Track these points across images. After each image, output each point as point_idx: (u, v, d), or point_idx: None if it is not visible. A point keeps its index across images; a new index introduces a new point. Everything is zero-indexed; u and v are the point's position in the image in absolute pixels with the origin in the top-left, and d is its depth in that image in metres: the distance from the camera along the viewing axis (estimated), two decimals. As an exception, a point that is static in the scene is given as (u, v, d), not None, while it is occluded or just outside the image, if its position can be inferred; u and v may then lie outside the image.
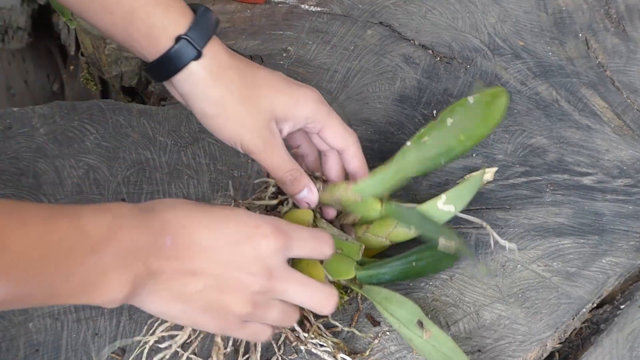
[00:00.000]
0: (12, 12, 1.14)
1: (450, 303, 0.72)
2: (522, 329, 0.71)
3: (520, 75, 0.92)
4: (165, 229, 0.52)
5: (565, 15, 1.00)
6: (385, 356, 0.68)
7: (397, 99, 0.88)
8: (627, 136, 0.88)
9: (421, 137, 0.70)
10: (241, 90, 0.62)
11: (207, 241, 0.53)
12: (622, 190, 0.83)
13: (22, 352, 0.64)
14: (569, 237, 0.78)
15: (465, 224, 0.77)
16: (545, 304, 0.73)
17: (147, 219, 0.51)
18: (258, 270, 0.54)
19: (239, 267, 0.54)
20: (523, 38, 0.96)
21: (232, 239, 0.54)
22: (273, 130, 0.64)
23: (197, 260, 0.53)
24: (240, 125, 0.62)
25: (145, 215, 0.51)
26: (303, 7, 0.96)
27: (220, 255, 0.53)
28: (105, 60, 0.93)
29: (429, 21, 0.96)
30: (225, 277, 0.53)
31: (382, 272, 0.70)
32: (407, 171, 0.70)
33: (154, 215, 0.52)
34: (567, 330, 0.73)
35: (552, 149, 0.86)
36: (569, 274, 0.75)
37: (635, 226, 0.80)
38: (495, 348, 0.69)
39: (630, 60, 0.96)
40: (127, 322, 0.67)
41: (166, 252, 0.51)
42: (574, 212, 0.80)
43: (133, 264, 0.49)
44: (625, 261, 0.77)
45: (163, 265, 0.51)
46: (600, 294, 0.75)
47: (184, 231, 0.52)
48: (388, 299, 0.67)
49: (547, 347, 0.72)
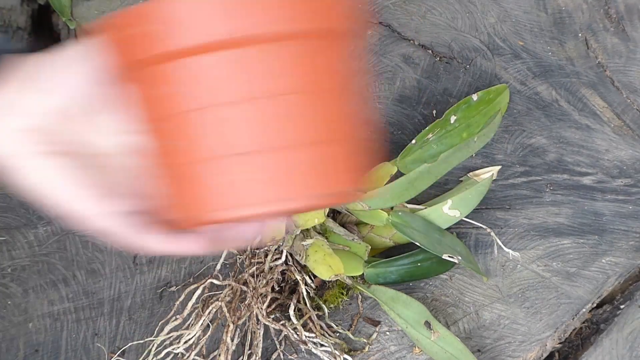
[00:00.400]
0: (12, 12, 1.14)
1: (450, 303, 0.72)
2: (522, 329, 0.71)
3: (520, 75, 0.92)
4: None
5: (565, 15, 1.00)
6: (385, 356, 0.68)
7: (397, 99, 0.88)
8: (627, 136, 0.88)
9: (425, 135, 0.71)
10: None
11: None
12: (622, 190, 0.83)
13: (22, 352, 0.64)
14: (568, 237, 0.78)
15: (465, 224, 0.77)
16: (545, 304, 0.73)
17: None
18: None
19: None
20: (523, 38, 0.96)
21: None
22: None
23: None
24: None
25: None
26: (303, 7, 0.95)
27: None
28: (105, 60, 0.93)
29: (428, 21, 0.96)
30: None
31: (389, 271, 0.70)
32: (417, 189, 0.70)
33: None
34: (567, 330, 0.73)
35: (552, 149, 0.86)
36: (568, 274, 0.75)
37: (635, 226, 0.80)
38: (495, 348, 0.69)
39: (630, 60, 0.96)
40: (127, 323, 0.67)
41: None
42: (573, 212, 0.80)
43: None
44: (625, 261, 0.77)
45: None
46: (600, 294, 0.75)
47: None
48: (394, 299, 0.67)
49: (547, 347, 0.71)
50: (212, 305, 0.66)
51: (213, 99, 0.40)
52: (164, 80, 0.40)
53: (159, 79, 0.41)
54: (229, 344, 0.63)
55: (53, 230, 0.71)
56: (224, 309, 0.66)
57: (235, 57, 0.39)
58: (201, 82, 0.39)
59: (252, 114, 0.39)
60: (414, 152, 0.76)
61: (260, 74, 0.39)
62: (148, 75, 0.41)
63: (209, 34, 0.38)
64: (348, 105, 0.42)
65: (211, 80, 0.39)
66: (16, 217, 0.72)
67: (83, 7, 0.92)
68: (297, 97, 0.40)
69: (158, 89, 0.41)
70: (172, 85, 0.40)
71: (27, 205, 0.72)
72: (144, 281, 0.70)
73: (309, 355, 0.67)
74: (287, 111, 0.39)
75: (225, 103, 0.39)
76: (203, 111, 0.40)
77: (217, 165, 0.40)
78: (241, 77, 0.39)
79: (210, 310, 0.66)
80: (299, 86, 0.40)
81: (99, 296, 0.68)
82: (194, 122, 0.40)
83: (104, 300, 0.68)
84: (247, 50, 0.39)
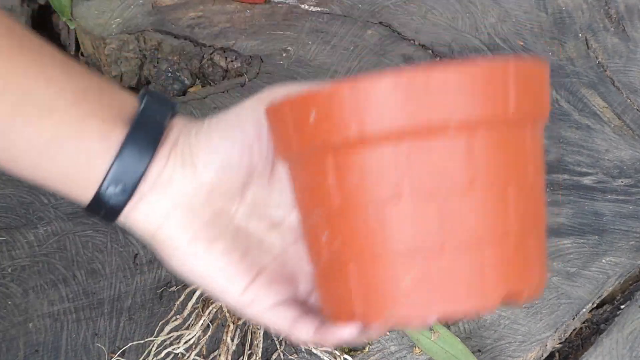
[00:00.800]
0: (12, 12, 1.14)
1: (450, 303, 0.72)
2: (522, 329, 0.71)
3: (520, 75, 0.92)
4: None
5: (565, 15, 1.00)
6: (385, 356, 0.68)
7: (397, 99, 0.88)
8: (627, 136, 0.88)
9: None
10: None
11: None
12: (622, 190, 0.83)
13: (22, 352, 0.64)
14: (569, 237, 0.78)
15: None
16: (545, 304, 0.73)
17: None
18: None
19: None
20: (523, 38, 0.96)
21: None
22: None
23: None
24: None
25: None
26: (303, 7, 0.96)
27: None
28: (105, 60, 0.93)
29: (428, 21, 0.96)
30: None
31: None
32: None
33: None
34: (567, 330, 0.73)
35: (552, 149, 0.86)
36: (569, 274, 0.75)
37: (635, 226, 0.80)
38: (495, 348, 0.69)
39: (630, 60, 0.96)
40: (127, 323, 0.67)
41: None
42: (573, 212, 0.80)
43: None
44: (625, 261, 0.77)
45: None
46: (600, 294, 0.75)
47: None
48: None
49: (547, 347, 0.72)
50: (212, 305, 0.66)
51: (392, 192, 0.37)
52: (336, 167, 0.38)
53: (330, 165, 0.38)
54: (229, 344, 0.63)
55: (53, 230, 0.71)
56: (224, 309, 0.66)
57: (426, 147, 0.36)
58: (381, 173, 0.37)
59: (448, 208, 0.36)
60: None
61: (447, 165, 0.36)
62: (319, 160, 0.39)
63: (392, 122, 0.36)
64: (536, 194, 0.40)
65: (391, 172, 0.37)
66: (16, 217, 0.72)
67: (83, 7, 0.92)
68: (489, 189, 0.37)
69: (327, 175, 0.38)
70: (345, 174, 0.37)
71: (27, 205, 0.72)
72: (144, 281, 0.70)
73: (309, 355, 0.67)
74: (477, 205, 0.37)
75: (411, 197, 0.36)
76: (383, 203, 0.37)
77: (391, 261, 0.37)
78: (430, 168, 0.36)
79: (211, 311, 0.66)
80: (491, 178, 0.37)
81: (99, 296, 0.69)
82: (371, 215, 0.37)
83: (104, 300, 0.68)
84: (438, 140, 0.36)
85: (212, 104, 0.84)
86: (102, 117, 0.44)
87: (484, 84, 0.36)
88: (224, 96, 0.85)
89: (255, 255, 0.46)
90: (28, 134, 0.42)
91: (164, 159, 0.45)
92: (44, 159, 0.44)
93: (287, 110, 0.39)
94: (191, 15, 0.92)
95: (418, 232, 0.37)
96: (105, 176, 0.44)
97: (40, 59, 0.43)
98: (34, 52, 0.43)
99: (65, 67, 0.44)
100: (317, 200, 0.39)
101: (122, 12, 0.92)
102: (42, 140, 0.43)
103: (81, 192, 0.45)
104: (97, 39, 0.92)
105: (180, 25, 0.91)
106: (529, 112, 0.38)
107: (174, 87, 0.93)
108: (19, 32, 0.43)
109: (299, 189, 0.42)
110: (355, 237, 0.38)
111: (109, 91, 0.45)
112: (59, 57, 0.44)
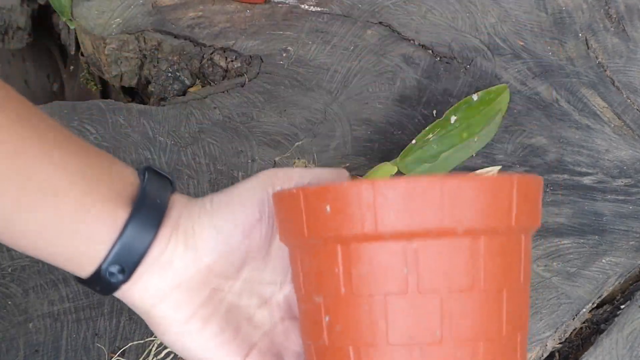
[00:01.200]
0: (12, 12, 1.14)
1: (450, 303, 0.72)
2: (522, 329, 0.71)
3: (520, 75, 0.92)
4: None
5: (565, 15, 1.00)
6: None
7: (397, 99, 0.88)
8: (627, 136, 0.88)
9: (425, 135, 0.71)
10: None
11: None
12: (622, 190, 0.83)
13: (22, 352, 0.64)
14: (568, 237, 0.78)
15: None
16: (545, 304, 0.73)
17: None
18: None
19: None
20: (523, 38, 0.96)
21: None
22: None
23: None
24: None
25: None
26: (303, 7, 0.96)
27: None
28: (105, 60, 0.93)
29: (428, 21, 0.96)
30: None
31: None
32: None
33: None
34: (567, 330, 0.73)
35: (552, 149, 0.86)
36: (568, 274, 0.75)
37: (635, 226, 0.80)
38: (495, 348, 0.70)
39: (630, 60, 0.96)
40: (127, 323, 0.67)
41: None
42: (573, 212, 0.80)
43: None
44: (625, 261, 0.77)
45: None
46: (600, 294, 0.75)
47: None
48: None
49: (547, 347, 0.72)
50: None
51: (399, 286, 0.39)
52: (345, 257, 0.40)
53: (340, 255, 0.40)
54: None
55: (53, 230, 0.71)
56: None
57: (434, 247, 0.39)
58: (390, 267, 0.39)
59: (436, 306, 0.39)
60: (414, 152, 0.76)
61: (451, 265, 0.39)
62: (328, 249, 0.40)
63: (406, 224, 0.38)
64: (524, 295, 0.43)
65: (400, 267, 0.39)
66: (16, 217, 0.72)
67: (83, 7, 0.92)
68: (487, 290, 0.40)
69: (335, 264, 0.40)
70: (354, 265, 0.40)
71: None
72: (144, 281, 0.70)
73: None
74: (475, 304, 0.39)
75: (415, 292, 0.39)
76: (388, 296, 0.39)
77: (391, 350, 0.39)
78: (436, 267, 0.39)
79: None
80: (490, 280, 0.40)
81: (99, 296, 0.68)
82: (375, 306, 0.39)
83: (104, 300, 0.68)
84: (446, 242, 0.39)
85: (212, 104, 0.84)
86: (103, 198, 0.43)
87: (492, 197, 0.39)
88: (224, 96, 0.85)
89: (247, 332, 0.47)
90: (27, 216, 0.42)
91: (165, 240, 0.45)
92: (44, 240, 0.43)
93: (301, 199, 0.41)
94: (191, 15, 0.92)
95: (419, 325, 0.39)
96: (106, 257, 0.44)
97: (45, 136, 0.42)
98: (39, 130, 0.42)
99: (66, 143, 0.43)
100: (322, 286, 0.41)
101: (122, 12, 0.92)
102: (43, 223, 0.42)
103: (80, 270, 0.45)
104: (97, 39, 0.92)
105: (180, 25, 0.91)
106: (526, 223, 0.41)
107: (174, 87, 0.93)
108: (27, 109, 0.43)
109: (304, 273, 0.43)
110: (357, 325, 0.40)
111: (109, 167, 0.45)
112: (61, 132, 0.44)
